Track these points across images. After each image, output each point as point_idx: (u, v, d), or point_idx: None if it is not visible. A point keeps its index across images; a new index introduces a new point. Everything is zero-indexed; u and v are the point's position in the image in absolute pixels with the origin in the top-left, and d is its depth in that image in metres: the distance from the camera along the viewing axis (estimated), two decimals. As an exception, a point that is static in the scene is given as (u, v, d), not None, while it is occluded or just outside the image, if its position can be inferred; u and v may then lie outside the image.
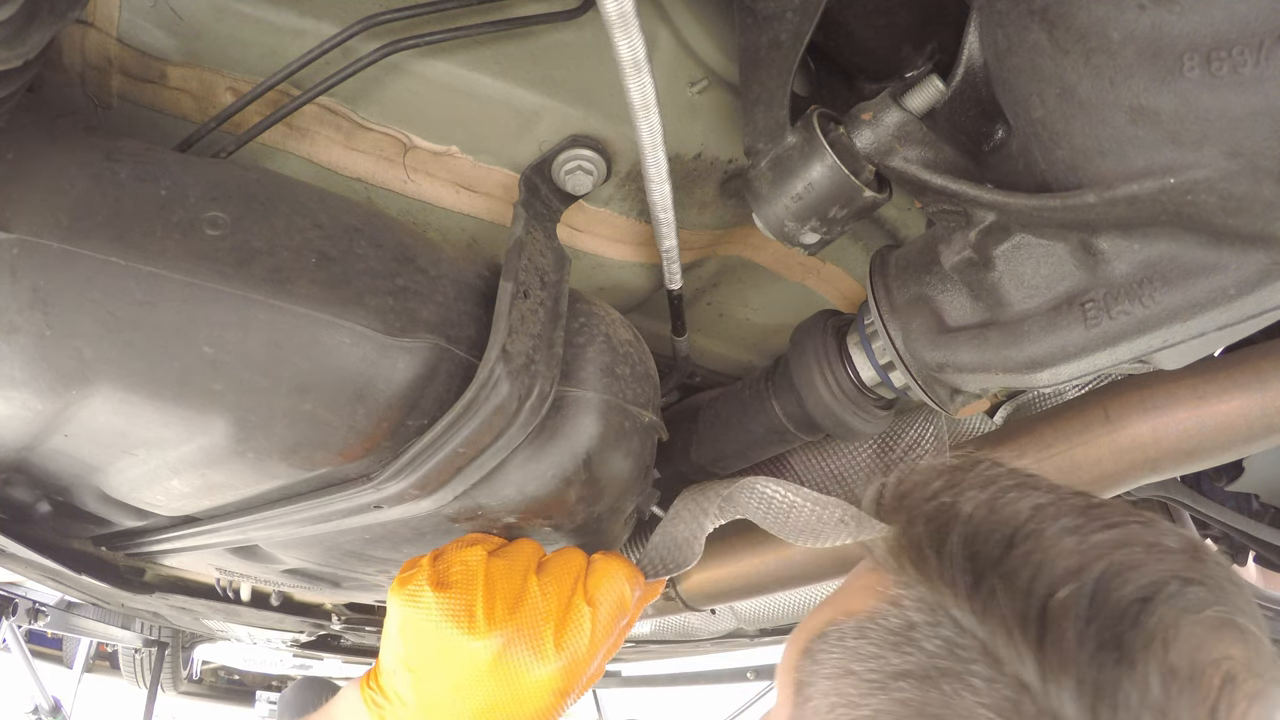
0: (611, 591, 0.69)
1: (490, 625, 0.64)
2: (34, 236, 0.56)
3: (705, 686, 3.54)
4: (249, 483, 0.74)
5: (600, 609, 0.68)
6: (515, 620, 0.65)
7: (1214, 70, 0.46)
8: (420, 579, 0.66)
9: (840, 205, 0.70)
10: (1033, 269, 0.64)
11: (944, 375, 0.73)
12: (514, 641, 0.65)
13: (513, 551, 0.71)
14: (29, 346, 0.58)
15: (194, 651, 4.96)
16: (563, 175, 0.78)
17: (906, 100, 0.65)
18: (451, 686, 0.65)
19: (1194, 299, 0.55)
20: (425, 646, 0.65)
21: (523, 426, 0.66)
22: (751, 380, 0.96)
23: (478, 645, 0.64)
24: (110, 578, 1.25)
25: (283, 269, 0.60)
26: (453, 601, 0.64)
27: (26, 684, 4.02)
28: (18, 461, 0.78)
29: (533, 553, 0.72)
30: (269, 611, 1.79)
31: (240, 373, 0.60)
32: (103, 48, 0.66)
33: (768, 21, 0.66)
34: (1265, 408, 0.96)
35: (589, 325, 0.76)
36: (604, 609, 0.68)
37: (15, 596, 3.27)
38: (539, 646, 0.65)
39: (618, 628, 0.71)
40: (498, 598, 0.65)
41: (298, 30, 0.67)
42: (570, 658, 0.66)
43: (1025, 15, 0.54)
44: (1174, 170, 0.50)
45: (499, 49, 0.72)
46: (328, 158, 0.78)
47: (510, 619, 0.65)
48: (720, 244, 0.97)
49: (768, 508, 0.94)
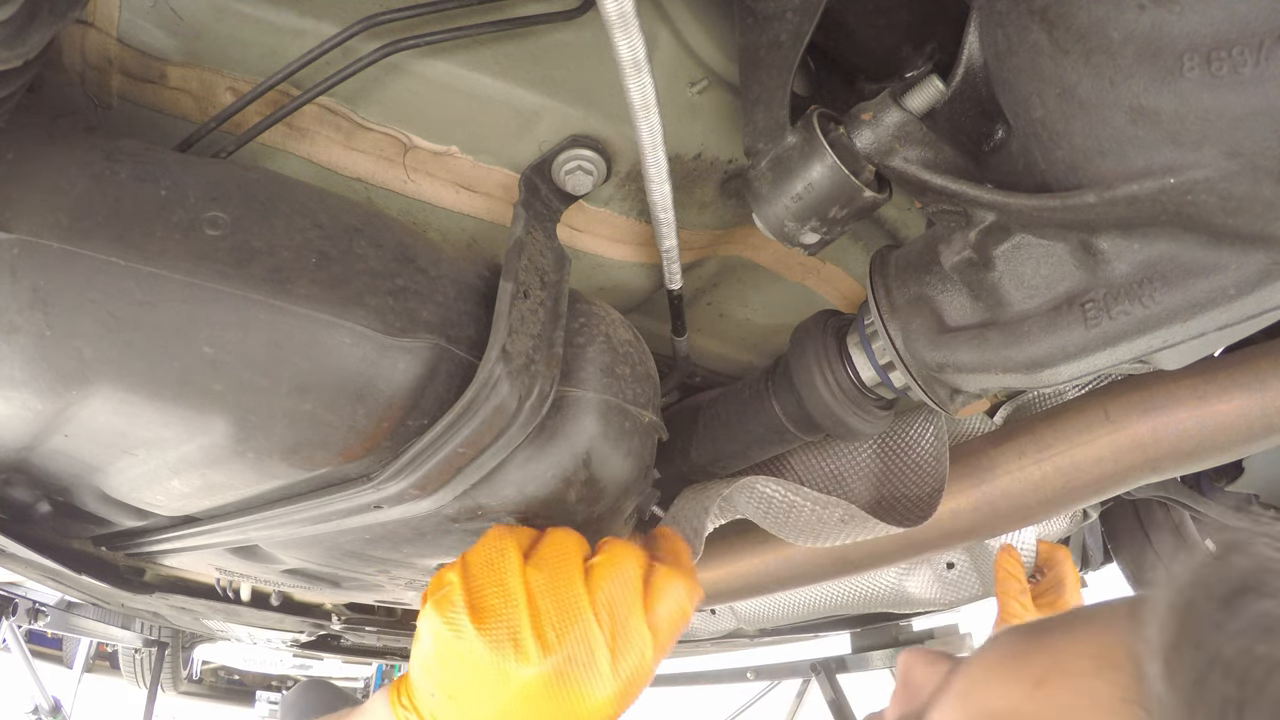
0: (675, 612, 0.65)
1: (542, 652, 0.59)
2: (34, 236, 0.56)
3: (705, 686, 3.54)
4: (249, 483, 0.74)
5: (661, 632, 0.64)
6: (567, 644, 0.59)
7: (1214, 70, 0.46)
8: (456, 604, 0.60)
9: (840, 205, 0.70)
10: (1033, 269, 0.64)
11: (944, 375, 0.73)
12: (568, 667, 0.59)
13: (552, 556, 0.64)
14: (29, 346, 0.58)
15: (194, 651, 4.97)
16: (563, 175, 0.78)
17: (906, 100, 0.65)
18: (498, 713, 0.60)
19: (1194, 299, 0.55)
20: (468, 675, 0.60)
21: (523, 426, 0.66)
22: (751, 380, 0.96)
23: (529, 672, 0.59)
24: (110, 578, 1.25)
25: (283, 269, 0.60)
26: (495, 631, 0.59)
27: (26, 684, 4.02)
28: (18, 461, 0.78)
29: (575, 553, 0.64)
30: (269, 611, 1.79)
31: (240, 373, 0.60)
32: (103, 48, 0.66)
33: (768, 21, 0.66)
34: (1265, 408, 0.96)
35: (589, 325, 0.76)
36: (665, 631, 0.64)
37: (15, 596, 3.27)
38: (594, 669, 0.60)
39: (676, 642, 0.67)
40: (545, 620, 0.60)
41: (298, 30, 0.67)
42: (628, 680, 0.62)
43: (1025, 15, 0.54)
44: (1174, 170, 0.50)
45: (499, 49, 0.72)
46: (328, 158, 0.78)
47: (562, 643, 0.59)
48: (720, 244, 0.97)
49: (768, 507, 0.94)
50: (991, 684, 0.44)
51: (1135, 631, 0.37)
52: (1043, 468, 1.09)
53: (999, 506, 1.13)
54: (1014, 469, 1.11)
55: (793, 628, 2.27)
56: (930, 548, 1.23)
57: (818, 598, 1.91)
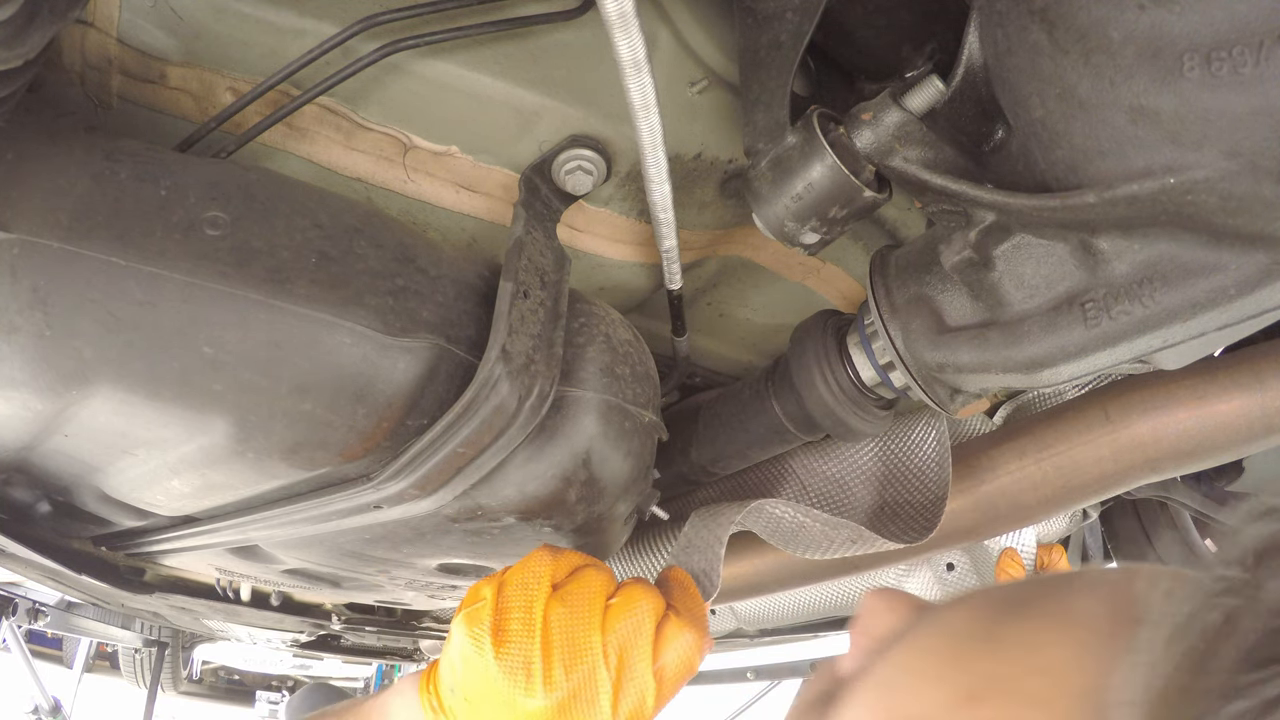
0: (681, 663, 0.66)
1: (547, 688, 0.61)
2: (34, 236, 0.56)
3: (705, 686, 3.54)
4: (249, 483, 0.74)
5: (665, 682, 0.65)
6: (572, 682, 0.62)
7: (1214, 70, 0.46)
8: (483, 622, 0.63)
9: (840, 205, 0.70)
10: (1033, 269, 0.64)
11: (944, 375, 0.73)
12: (572, 703, 0.62)
13: (578, 594, 0.66)
14: (29, 346, 0.58)
15: (194, 651, 4.97)
16: (563, 175, 0.78)
17: (906, 100, 0.65)
18: None
19: (1194, 299, 0.55)
20: (482, 690, 0.64)
21: (523, 426, 0.66)
22: (751, 380, 0.96)
23: (532, 704, 0.62)
24: (110, 578, 1.25)
25: (283, 269, 0.60)
26: (510, 658, 0.62)
27: (26, 684, 4.02)
28: (18, 461, 0.78)
29: (600, 591, 0.66)
30: (269, 611, 1.79)
31: (240, 373, 0.60)
32: (103, 48, 0.66)
33: (768, 21, 0.66)
34: (1265, 408, 0.96)
35: (589, 325, 0.76)
36: (669, 681, 0.65)
37: (15, 596, 3.27)
38: (596, 708, 0.62)
39: (679, 690, 0.68)
40: (555, 656, 0.62)
41: (298, 30, 0.67)
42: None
43: (1025, 15, 0.54)
44: (1174, 170, 0.50)
45: (499, 49, 0.72)
46: (328, 158, 0.78)
47: (568, 680, 0.62)
48: (720, 244, 0.97)
49: (776, 526, 0.94)
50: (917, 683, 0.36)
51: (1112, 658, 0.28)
52: (1043, 467, 1.09)
53: (999, 506, 1.13)
54: (1014, 469, 1.11)
55: (793, 628, 2.27)
56: (930, 548, 1.22)
57: (818, 598, 1.91)
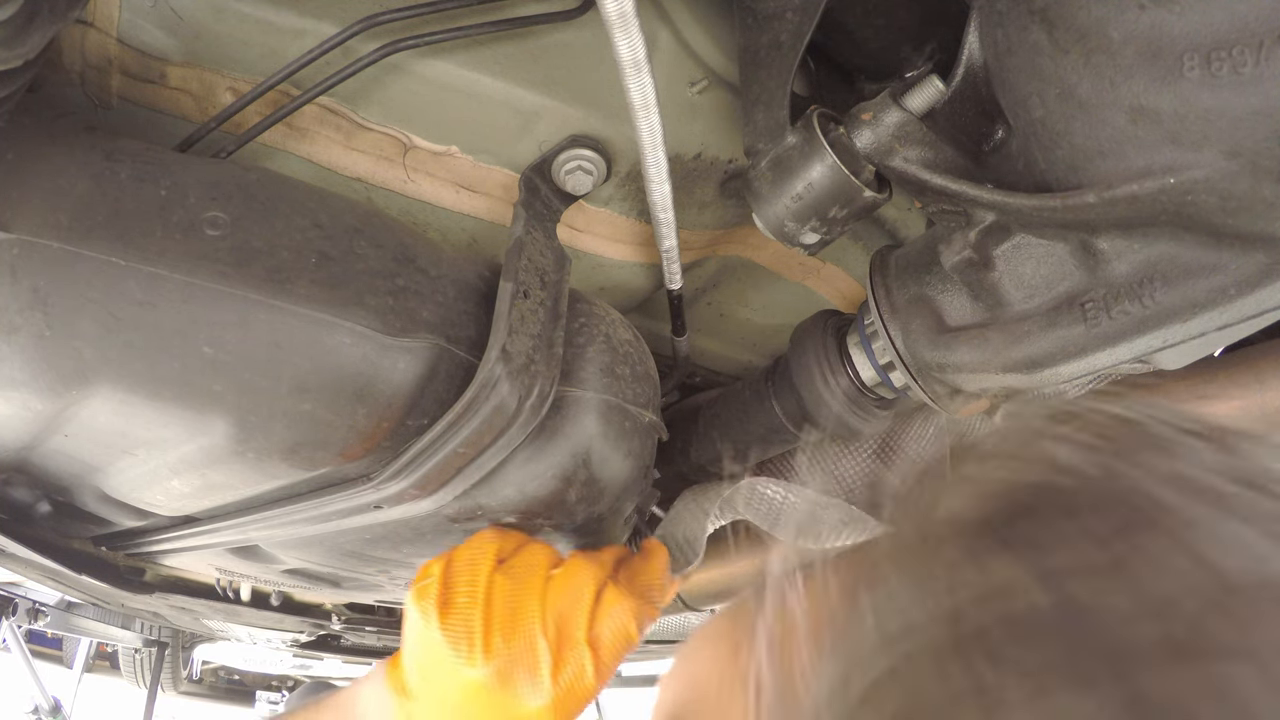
0: (617, 632, 0.67)
1: (487, 655, 0.63)
2: (34, 236, 0.56)
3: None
4: (249, 483, 0.74)
5: (603, 650, 0.66)
6: (511, 650, 0.64)
7: (1214, 70, 0.46)
8: (431, 595, 0.65)
9: (840, 205, 0.70)
10: (1033, 269, 0.64)
11: (944, 375, 0.73)
12: (508, 672, 0.63)
13: (521, 566, 0.68)
14: (29, 347, 0.58)
15: (194, 651, 4.96)
16: (563, 175, 0.78)
17: (906, 100, 0.65)
18: (452, 705, 0.65)
19: (1194, 299, 0.55)
20: (431, 662, 0.65)
21: (523, 426, 0.66)
22: (751, 380, 0.96)
23: (473, 673, 0.63)
24: (110, 578, 1.25)
25: (283, 269, 0.60)
26: (454, 627, 0.64)
27: (26, 684, 4.02)
28: (18, 461, 0.78)
29: (542, 565, 0.69)
30: (269, 611, 1.79)
31: (240, 373, 0.60)
32: (103, 48, 0.66)
33: (768, 21, 0.66)
34: (1265, 408, 0.96)
35: (589, 325, 0.76)
36: (606, 649, 0.66)
37: (15, 596, 3.27)
38: (534, 679, 0.64)
39: (621, 662, 0.68)
40: (495, 625, 0.64)
41: (298, 30, 0.67)
42: (567, 693, 0.65)
43: (1025, 15, 0.54)
44: (1174, 170, 0.50)
45: (499, 49, 0.72)
46: (328, 158, 0.78)
47: (507, 648, 0.63)
48: (720, 244, 0.97)
49: (766, 508, 0.94)
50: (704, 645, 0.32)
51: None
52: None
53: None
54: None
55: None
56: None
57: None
